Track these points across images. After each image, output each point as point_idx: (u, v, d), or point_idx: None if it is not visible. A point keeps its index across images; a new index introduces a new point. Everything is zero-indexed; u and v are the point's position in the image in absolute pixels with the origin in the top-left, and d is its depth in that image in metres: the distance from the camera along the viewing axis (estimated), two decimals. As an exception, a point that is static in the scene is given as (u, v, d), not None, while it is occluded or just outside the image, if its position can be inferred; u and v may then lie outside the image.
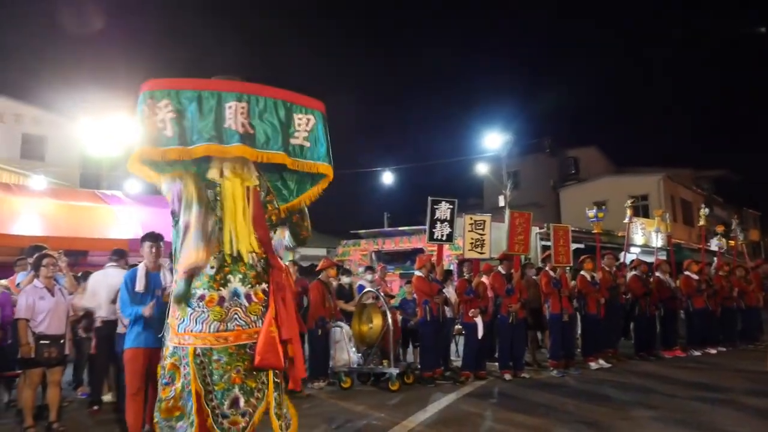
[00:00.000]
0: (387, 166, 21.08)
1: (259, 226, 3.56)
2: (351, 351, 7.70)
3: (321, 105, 3.84)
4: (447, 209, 8.49)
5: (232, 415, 3.32)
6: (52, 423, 5.42)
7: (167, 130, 3.37)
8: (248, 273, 3.48)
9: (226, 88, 3.54)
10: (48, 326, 5.32)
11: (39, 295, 5.36)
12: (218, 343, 3.34)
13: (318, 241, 27.95)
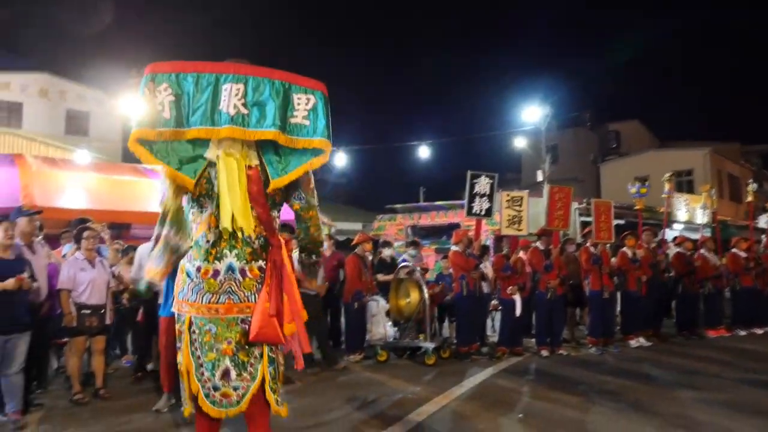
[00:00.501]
0: (423, 140, 20.85)
1: (257, 204, 3.58)
2: (387, 325, 7.73)
3: (322, 86, 3.79)
4: (486, 184, 8.34)
5: (223, 387, 3.37)
6: (99, 389, 5.63)
7: (165, 113, 3.46)
8: (244, 249, 3.51)
9: (224, 70, 3.57)
10: (89, 296, 5.50)
11: (80, 267, 5.53)
12: (209, 314, 3.42)
13: (354, 216, 28.10)
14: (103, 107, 24.96)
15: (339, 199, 36.64)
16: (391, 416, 4.95)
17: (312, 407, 5.31)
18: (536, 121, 19.62)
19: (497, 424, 4.76)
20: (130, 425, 4.73)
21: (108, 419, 4.90)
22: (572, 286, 8.77)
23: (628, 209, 11.70)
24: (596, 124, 33.68)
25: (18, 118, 24.33)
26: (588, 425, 4.74)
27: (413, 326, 7.67)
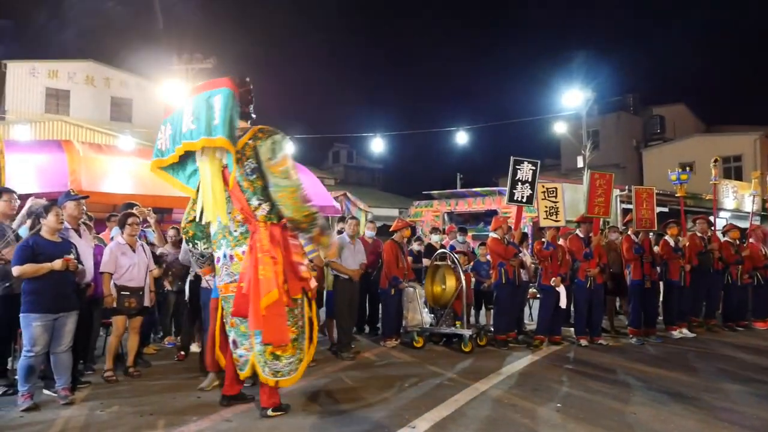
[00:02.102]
0: (461, 126, 20.63)
1: (236, 199, 4.41)
2: (424, 311, 7.74)
3: (227, 81, 4.48)
4: (529, 170, 8.20)
5: (233, 352, 4.57)
6: (129, 368, 5.84)
7: (162, 146, 4.67)
8: (229, 237, 4.44)
9: (187, 97, 4.60)
10: (128, 279, 5.70)
11: (121, 251, 5.72)
12: (223, 292, 4.53)
13: (390, 202, 28.14)
14: (145, 94, 25.50)
15: (376, 185, 36.73)
16: (427, 402, 4.96)
17: (348, 391, 5.37)
18: (577, 105, 19.19)
19: (535, 413, 4.72)
20: (174, 404, 4.86)
21: (151, 397, 5.06)
22: (612, 275, 8.59)
23: (672, 196, 11.39)
24: (640, 109, 32.75)
25: (66, 105, 25.09)
26: (627, 416, 4.66)
27: (450, 313, 7.66)
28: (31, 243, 4.68)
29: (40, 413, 4.58)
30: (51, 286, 4.65)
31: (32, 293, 4.62)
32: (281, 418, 4.54)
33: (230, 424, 4.39)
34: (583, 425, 4.41)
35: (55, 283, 4.67)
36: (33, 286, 4.62)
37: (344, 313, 7.15)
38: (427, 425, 4.37)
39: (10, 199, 5.26)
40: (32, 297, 4.62)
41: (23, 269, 4.56)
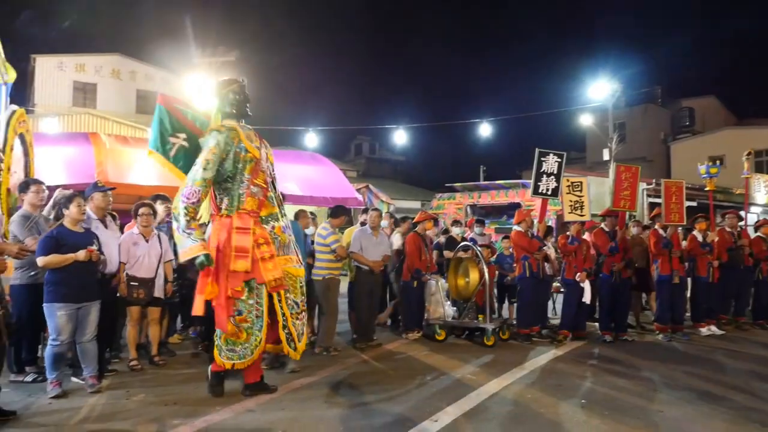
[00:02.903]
0: (484, 118, 20.44)
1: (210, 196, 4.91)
2: (446, 304, 7.70)
3: (159, 98, 5.53)
4: (555, 162, 8.07)
5: None
6: (153, 356, 5.93)
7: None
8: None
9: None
10: (138, 270, 5.74)
11: (134, 242, 5.77)
12: None
13: (412, 194, 28.06)
14: (170, 87, 25.76)
15: (398, 178, 36.65)
16: (449, 396, 4.93)
17: (370, 383, 5.36)
18: (603, 97, 18.88)
19: (558, 409, 4.66)
20: (197, 393, 4.91)
21: (175, 387, 5.12)
22: (637, 270, 8.45)
23: (701, 190, 11.12)
24: (668, 101, 32.12)
25: (93, 98, 25.50)
26: (652, 414, 4.57)
27: (473, 306, 7.60)
28: (55, 234, 4.74)
29: (68, 400, 4.67)
30: (74, 277, 4.71)
31: (55, 283, 4.69)
32: (302, 408, 4.56)
33: (253, 414, 4.42)
34: (607, 422, 4.34)
35: (78, 274, 4.73)
36: (56, 276, 4.69)
37: (364, 304, 7.15)
38: (449, 419, 4.34)
39: (39, 191, 5.34)
40: (55, 287, 4.69)
41: (48, 260, 4.63)
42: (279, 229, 4.83)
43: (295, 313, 4.79)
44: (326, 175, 11.87)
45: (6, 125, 5.63)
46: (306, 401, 4.79)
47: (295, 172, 10.80)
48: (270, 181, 4.96)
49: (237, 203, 4.72)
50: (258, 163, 4.81)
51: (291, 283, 4.81)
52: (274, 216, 4.84)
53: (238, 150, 4.71)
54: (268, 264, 4.63)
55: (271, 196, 4.89)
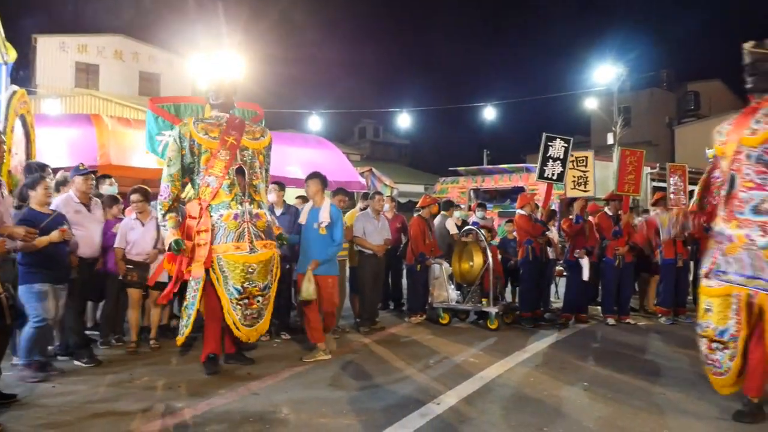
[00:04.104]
0: (488, 102, 20.29)
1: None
2: (450, 288, 7.70)
3: (149, 104, 6.79)
4: (561, 147, 8.01)
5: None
6: (150, 339, 5.97)
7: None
8: None
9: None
10: (134, 254, 5.78)
11: (130, 227, 5.81)
12: None
13: (416, 178, 28.02)
14: (173, 68, 25.65)
15: (402, 161, 36.57)
16: (453, 378, 4.95)
17: (374, 367, 5.39)
18: (608, 81, 18.72)
19: (562, 392, 4.68)
20: (202, 376, 4.95)
21: (179, 369, 5.17)
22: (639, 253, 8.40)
23: (706, 174, 11.07)
24: (674, 85, 31.86)
25: (95, 79, 25.37)
26: (656, 397, 4.59)
27: (476, 290, 7.61)
28: (28, 216, 4.71)
29: (71, 383, 4.70)
30: (49, 258, 4.71)
31: (34, 264, 4.68)
32: (309, 390, 4.59)
33: (258, 397, 4.44)
34: (610, 404, 4.35)
35: (50, 254, 4.72)
36: (30, 258, 4.67)
37: (368, 288, 7.16)
38: (452, 401, 4.36)
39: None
40: (35, 268, 4.69)
41: (40, 240, 4.60)
42: (227, 217, 4.97)
43: (234, 299, 4.89)
44: (330, 159, 11.79)
45: (6, 106, 5.61)
46: (310, 384, 4.82)
47: (299, 156, 10.73)
48: (236, 169, 5.09)
49: (196, 192, 5.13)
50: (214, 153, 5.04)
51: (231, 270, 4.89)
52: (224, 204, 5.00)
53: (191, 143, 5.05)
54: (201, 251, 4.90)
55: (228, 185, 5.02)
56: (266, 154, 5.44)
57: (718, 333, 3.99)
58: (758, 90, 4.07)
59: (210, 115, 5.33)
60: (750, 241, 3.81)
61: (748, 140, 3.90)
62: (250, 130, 5.36)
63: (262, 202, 5.25)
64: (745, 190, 3.89)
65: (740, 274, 3.83)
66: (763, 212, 3.76)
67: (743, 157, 3.91)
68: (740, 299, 3.85)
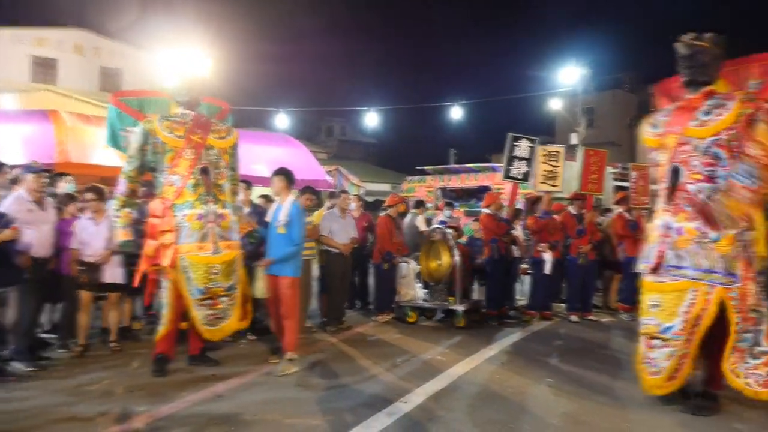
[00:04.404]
0: (454, 101, 20.42)
1: None
2: (417, 287, 7.73)
3: (111, 98, 6.56)
4: (527, 147, 8.11)
5: None
6: (111, 342, 5.79)
7: None
8: None
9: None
10: (86, 254, 5.57)
11: (83, 226, 5.62)
12: None
13: (383, 177, 28.04)
14: (136, 64, 25.04)
15: (369, 160, 36.54)
16: (419, 377, 4.97)
17: (341, 366, 5.37)
18: (573, 82, 19.07)
19: (527, 389, 4.74)
20: (165, 379, 4.85)
21: (141, 372, 5.04)
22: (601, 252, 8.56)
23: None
24: (636, 87, 32.57)
25: (53, 74, 24.60)
26: (617, 391, 4.70)
27: (443, 288, 7.64)
28: None
29: (29, 386, 4.56)
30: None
31: None
32: (275, 391, 4.55)
33: (222, 400, 4.37)
34: (574, 400, 4.43)
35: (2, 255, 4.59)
36: None
37: (335, 287, 7.13)
38: (419, 399, 4.38)
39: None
40: None
41: None
42: (191, 217, 4.91)
43: (197, 300, 4.85)
44: (297, 157, 11.72)
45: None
46: (278, 385, 4.77)
47: (265, 154, 10.64)
48: (201, 168, 5.01)
49: (160, 191, 5.03)
50: (178, 152, 4.95)
51: (195, 270, 4.85)
52: (188, 204, 4.93)
53: (155, 141, 4.95)
54: (166, 251, 4.84)
55: (192, 184, 4.95)
56: (232, 154, 5.36)
57: (661, 329, 3.93)
58: (696, 82, 4.01)
59: (175, 113, 5.19)
60: (702, 234, 3.75)
61: (696, 132, 3.82)
62: (216, 129, 5.28)
63: (227, 202, 5.17)
64: (693, 182, 3.81)
65: (696, 268, 3.77)
66: None
67: (690, 148, 3.83)
68: (697, 294, 3.79)
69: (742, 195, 3.74)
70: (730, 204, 3.76)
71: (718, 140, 3.73)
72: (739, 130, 3.72)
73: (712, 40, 4.00)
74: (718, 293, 3.75)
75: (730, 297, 3.73)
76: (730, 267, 3.71)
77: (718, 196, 3.78)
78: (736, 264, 3.71)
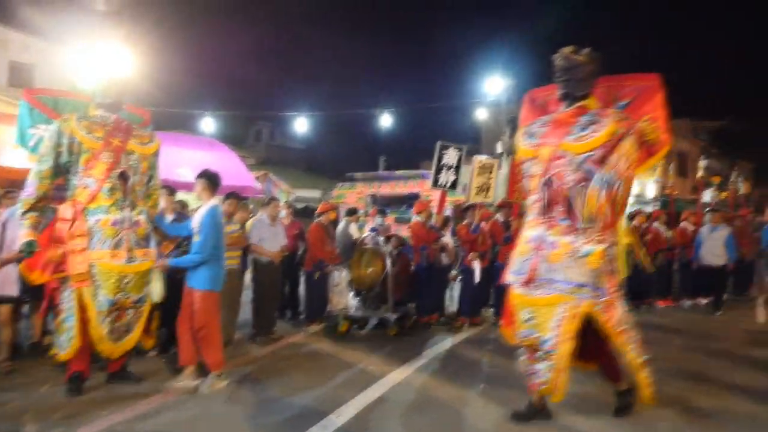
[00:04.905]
0: (384, 108, 20.55)
1: None
2: (350, 295, 7.67)
3: (24, 93, 5.91)
4: (455, 155, 8.26)
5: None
6: (1, 363, 5.27)
7: None
8: None
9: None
10: None
11: None
12: None
13: (313, 183, 27.79)
14: (49, 59, 23.60)
15: (299, 166, 36.13)
16: (352, 388, 4.92)
17: (272, 378, 5.23)
18: (498, 92, 19.63)
19: (459, 395, 4.79)
20: (82, 397, 4.55)
21: (57, 391, 4.71)
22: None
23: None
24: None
25: (-46, 69, 22.79)
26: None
27: (375, 297, 7.63)
28: None
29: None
30: None
31: None
32: (203, 407, 4.37)
33: (146, 417, 4.15)
34: (505, 406, 4.50)
35: None
36: None
37: (265, 297, 6.96)
38: (353, 411, 4.33)
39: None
40: None
41: None
42: (105, 223, 4.67)
43: (104, 311, 4.60)
44: (223, 162, 11.39)
45: None
46: (207, 399, 4.59)
47: (190, 158, 10.26)
48: (120, 173, 4.77)
49: (72, 193, 4.73)
50: (95, 154, 4.70)
51: (105, 279, 4.60)
52: (103, 209, 4.68)
53: (71, 141, 4.68)
54: (77, 257, 4.56)
55: (108, 188, 4.71)
56: (152, 161, 5.13)
57: (540, 342, 3.82)
58: (571, 96, 3.97)
59: (95, 114, 4.89)
60: (575, 249, 3.70)
61: (572, 146, 3.76)
62: (138, 134, 5.02)
63: (143, 210, 4.93)
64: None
65: (568, 282, 3.70)
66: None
67: (565, 162, 3.77)
68: (567, 309, 3.72)
69: (598, 197, 3.71)
70: (589, 201, 3.73)
71: (592, 156, 3.70)
72: (609, 147, 3.71)
73: (589, 55, 3.98)
74: (584, 307, 3.72)
75: (597, 311, 3.73)
76: (599, 281, 3.70)
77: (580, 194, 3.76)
78: (603, 278, 3.71)
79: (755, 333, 7.72)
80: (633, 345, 3.90)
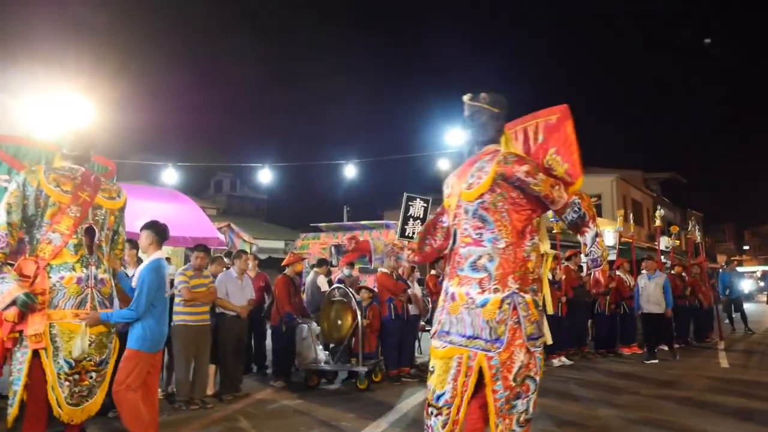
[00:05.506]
0: (348, 159, 20.74)
1: None
2: (318, 349, 7.51)
3: None
4: (421, 207, 8.37)
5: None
6: None
7: None
8: None
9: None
10: None
11: None
12: None
13: (276, 233, 27.55)
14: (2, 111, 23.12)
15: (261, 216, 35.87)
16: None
17: (240, 439, 5.01)
18: (458, 144, 20.11)
19: (435, 451, 4.65)
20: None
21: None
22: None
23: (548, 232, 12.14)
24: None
25: None
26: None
27: (345, 350, 7.48)
28: None
29: None
30: None
31: None
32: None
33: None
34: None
35: None
36: None
37: (231, 352, 6.73)
38: (327, 472, 4.15)
39: None
40: None
41: None
42: (69, 280, 4.42)
43: (63, 374, 4.33)
44: (186, 214, 11.21)
45: None
46: None
47: (152, 210, 10.02)
48: (86, 228, 4.55)
49: (33, 248, 4.47)
50: (62, 208, 4.49)
51: (66, 340, 4.32)
52: (67, 266, 4.44)
53: (38, 194, 4.46)
54: (35, 316, 4.27)
55: (74, 245, 4.48)
56: (119, 216, 4.98)
57: (435, 397, 3.50)
58: (475, 142, 3.87)
59: (62, 166, 4.73)
60: (470, 300, 3.49)
61: (466, 195, 3.66)
62: (106, 188, 4.87)
63: (108, 267, 4.75)
64: (464, 246, 3.60)
65: (461, 335, 3.47)
66: (480, 268, 3.46)
67: (462, 212, 3.66)
68: (461, 362, 3.45)
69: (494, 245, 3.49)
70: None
71: (483, 203, 3.56)
72: (496, 192, 3.54)
73: (486, 100, 3.87)
74: (478, 361, 3.41)
75: (491, 365, 3.37)
76: (495, 332, 3.40)
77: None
78: (502, 329, 3.40)
79: (720, 380, 7.83)
80: (525, 400, 3.40)
